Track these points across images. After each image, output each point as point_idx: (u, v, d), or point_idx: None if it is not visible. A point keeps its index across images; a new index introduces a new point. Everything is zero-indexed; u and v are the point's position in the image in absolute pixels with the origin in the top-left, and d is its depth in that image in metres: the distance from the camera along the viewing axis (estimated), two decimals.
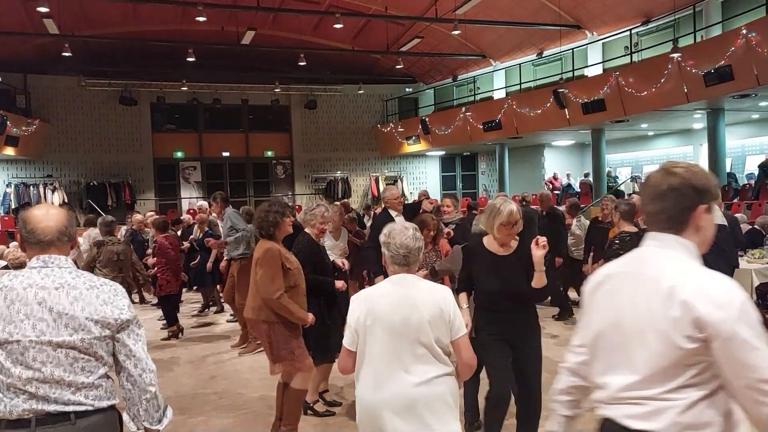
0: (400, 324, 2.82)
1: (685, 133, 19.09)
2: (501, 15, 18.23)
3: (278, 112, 23.89)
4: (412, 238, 2.99)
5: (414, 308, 2.82)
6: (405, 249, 2.97)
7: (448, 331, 2.85)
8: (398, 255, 2.97)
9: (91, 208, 20.36)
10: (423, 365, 2.80)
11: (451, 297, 2.92)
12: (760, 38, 11.63)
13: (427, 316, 2.81)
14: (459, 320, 2.88)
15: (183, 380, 6.75)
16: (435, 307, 2.83)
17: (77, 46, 17.96)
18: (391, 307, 2.85)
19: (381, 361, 2.84)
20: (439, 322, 2.82)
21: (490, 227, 4.02)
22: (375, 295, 2.97)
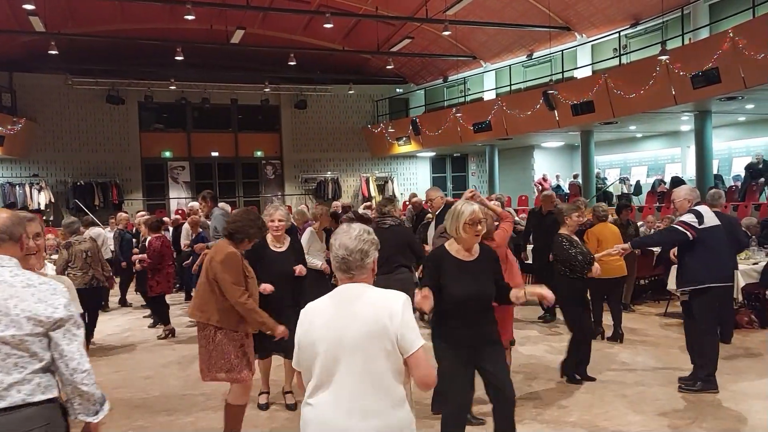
0: (332, 344, 2.42)
1: (673, 135, 19.21)
2: (491, 16, 18.28)
3: (268, 112, 23.83)
4: (354, 239, 2.54)
5: (349, 325, 2.42)
6: (344, 250, 2.52)
7: (395, 349, 2.39)
8: (336, 258, 2.54)
9: (78, 207, 20.20)
10: (361, 393, 2.39)
11: (402, 307, 2.44)
12: (747, 41, 11.73)
13: (365, 333, 2.39)
14: (412, 334, 2.41)
15: (170, 381, 6.71)
16: (376, 322, 2.39)
17: (64, 44, 17.81)
18: (325, 325, 2.46)
19: (316, 386, 2.47)
20: (382, 339, 2.38)
21: (455, 230, 3.95)
22: (315, 308, 2.56)
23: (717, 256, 5.56)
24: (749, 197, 14.94)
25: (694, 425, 4.98)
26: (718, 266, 5.56)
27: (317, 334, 2.47)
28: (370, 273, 2.59)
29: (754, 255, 8.59)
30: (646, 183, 19.35)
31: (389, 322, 2.39)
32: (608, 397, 5.69)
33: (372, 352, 2.39)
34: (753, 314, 8.28)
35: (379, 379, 2.41)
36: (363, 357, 2.39)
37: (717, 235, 5.58)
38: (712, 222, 5.59)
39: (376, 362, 2.40)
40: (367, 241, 2.56)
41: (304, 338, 2.51)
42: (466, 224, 3.90)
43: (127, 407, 5.90)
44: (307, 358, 2.50)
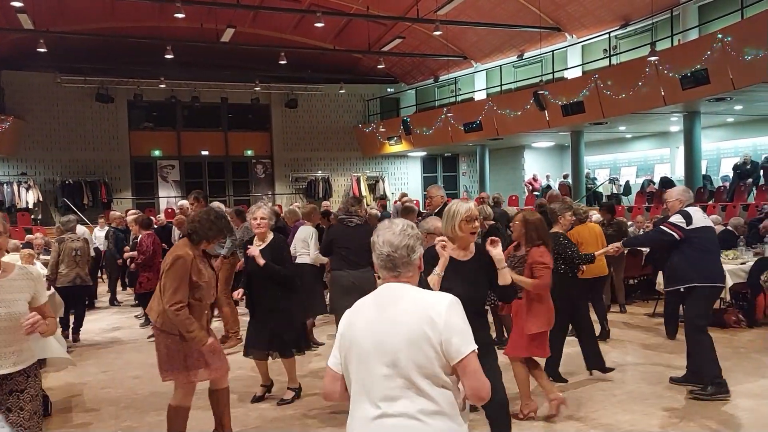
0: (371, 348, 2.26)
1: (662, 135, 19.32)
2: (482, 16, 18.32)
3: (258, 111, 23.77)
4: (399, 234, 2.39)
5: (391, 329, 2.25)
6: (389, 247, 2.37)
7: (439, 356, 2.20)
8: (381, 255, 2.38)
9: (66, 206, 20.08)
10: (399, 402, 2.21)
11: (447, 309, 2.25)
12: (736, 43, 11.80)
13: (405, 339, 2.21)
14: (459, 339, 2.21)
15: (159, 381, 6.57)
16: (419, 326, 2.21)
17: (53, 41, 17.69)
18: (365, 327, 2.31)
19: (354, 393, 2.31)
20: (424, 345, 2.20)
21: (451, 228, 3.86)
22: (357, 309, 2.41)
23: (706, 256, 5.56)
24: (737, 198, 15.04)
25: (681, 424, 5.01)
26: (708, 266, 5.56)
27: (359, 336, 2.31)
28: (416, 270, 2.44)
29: (742, 255, 8.65)
30: (635, 183, 19.45)
31: (431, 327, 2.21)
32: (598, 396, 5.71)
33: (414, 358, 2.21)
34: (740, 314, 8.34)
35: (421, 387, 2.21)
36: (404, 364, 2.21)
37: (706, 236, 5.58)
38: (702, 223, 5.59)
39: (418, 369, 2.21)
40: (412, 236, 2.42)
41: (343, 341, 2.37)
42: (463, 221, 3.82)
43: (116, 407, 5.87)
44: (347, 363, 2.35)
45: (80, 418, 5.63)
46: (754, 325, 8.23)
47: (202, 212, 4.65)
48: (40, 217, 20.09)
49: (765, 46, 11.18)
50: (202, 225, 4.43)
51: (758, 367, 6.48)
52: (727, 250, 8.56)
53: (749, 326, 8.21)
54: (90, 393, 6.32)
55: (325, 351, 7.40)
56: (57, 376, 6.82)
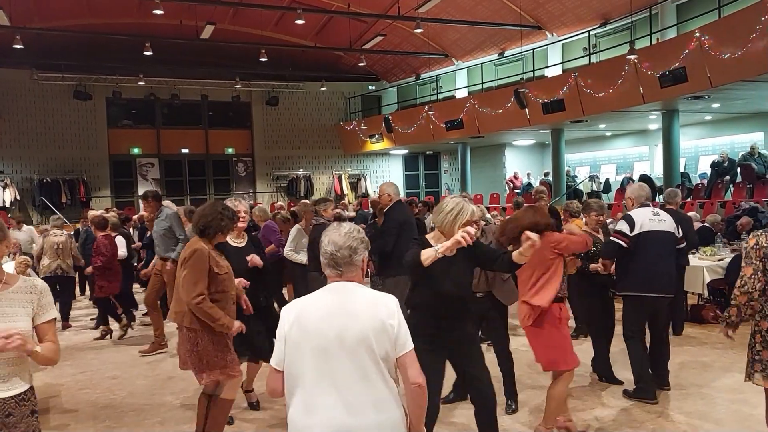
0: (333, 339, 2.41)
1: (641, 133, 19.49)
2: (463, 14, 18.36)
3: (239, 109, 23.64)
4: (343, 235, 2.54)
5: (351, 321, 2.43)
6: (332, 246, 2.52)
7: (393, 348, 2.45)
8: (325, 254, 2.53)
9: (44, 205, 19.83)
10: (361, 389, 2.41)
11: (398, 308, 2.50)
12: (714, 41, 11.93)
13: (367, 331, 2.41)
14: (404, 334, 2.47)
15: (138, 381, 6.61)
16: (376, 319, 2.43)
17: (29, 38, 17.43)
18: (323, 320, 2.44)
19: (312, 382, 2.43)
20: (382, 336, 2.42)
21: (449, 226, 3.71)
22: (306, 304, 2.53)
23: (644, 264, 5.29)
24: (715, 195, 15.21)
25: (660, 419, 5.05)
26: (645, 275, 5.30)
27: (315, 329, 2.44)
28: (360, 272, 2.59)
29: (719, 251, 8.75)
30: (615, 181, 19.60)
31: (388, 322, 2.44)
32: (577, 392, 5.74)
33: (372, 349, 2.42)
34: (718, 309, 8.43)
35: (379, 375, 2.44)
36: (364, 354, 2.42)
37: (648, 242, 5.29)
38: (646, 227, 5.31)
39: (375, 360, 2.43)
40: (356, 239, 2.56)
41: (293, 334, 2.47)
42: (464, 224, 3.69)
43: (94, 408, 5.80)
44: (295, 355, 2.47)
45: (58, 419, 5.56)
46: None
47: (207, 206, 4.60)
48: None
49: (742, 44, 11.32)
50: (214, 218, 4.43)
51: (735, 362, 6.55)
52: (705, 247, 8.66)
53: None
54: (68, 394, 6.24)
55: None
56: (34, 377, 6.68)
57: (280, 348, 2.51)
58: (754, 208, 11.55)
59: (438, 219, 3.81)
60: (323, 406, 2.41)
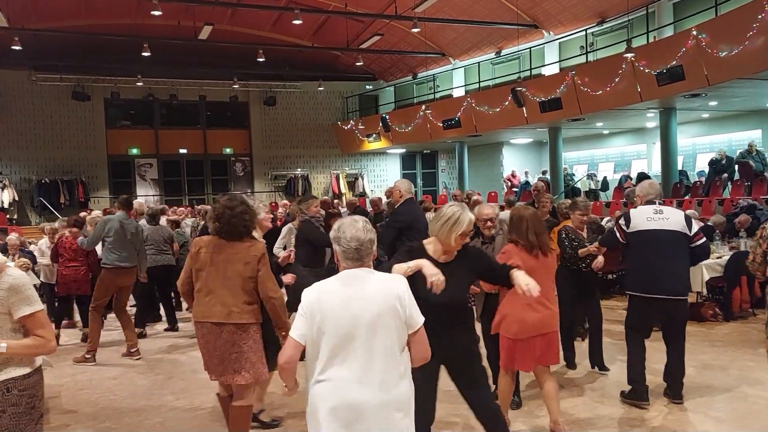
0: (348, 324, 2.66)
1: (639, 131, 19.51)
2: (460, 14, 18.38)
3: (237, 109, 23.64)
4: (363, 230, 2.80)
5: (364, 306, 2.68)
6: (356, 242, 2.76)
7: (403, 325, 2.72)
8: (350, 249, 2.77)
9: (42, 206, 19.83)
10: (374, 367, 2.66)
11: (407, 288, 2.77)
12: (711, 39, 11.95)
13: (380, 312, 2.67)
14: (416, 312, 2.75)
15: (138, 381, 6.62)
16: (387, 302, 2.69)
17: (27, 39, 17.42)
18: (339, 307, 2.69)
19: (329, 359, 2.68)
20: (394, 317, 2.69)
21: (445, 236, 3.62)
22: (324, 290, 2.77)
23: (641, 263, 5.22)
24: (713, 193, 15.24)
25: (660, 417, 5.07)
26: (640, 274, 5.25)
27: (333, 312, 2.69)
28: (369, 263, 2.86)
29: (718, 249, 8.77)
30: (613, 179, 19.62)
31: (398, 302, 2.71)
32: (576, 391, 5.76)
33: (385, 329, 2.68)
34: (717, 307, 8.46)
35: (391, 353, 2.70)
36: (378, 334, 2.67)
37: (646, 241, 5.19)
38: (641, 227, 5.21)
39: (388, 338, 2.69)
40: (371, 230, 2.85)
41: (314, 317, 2.70)
42: (460, 236, 3.61)
43: (94, 408, 5.81)
44: (316, 333, 2.70)
45: (57, 419, 5.57)
46: (731, 318, 8.35)
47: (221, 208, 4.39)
48: (15, 217, 19.81)
49: (739, 42, 11.34)
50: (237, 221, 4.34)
51: (734, 359, 6.58)
52: None
53: (726, 320, 8.33)
54: (67, 394, 6.25)
55: None
56: None
57: (305, 324, 2.73)
58: (752, 206, 11.57)
59: (435, 227, 3.70)
60: (339, 380, 2.66)
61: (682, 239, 5.16)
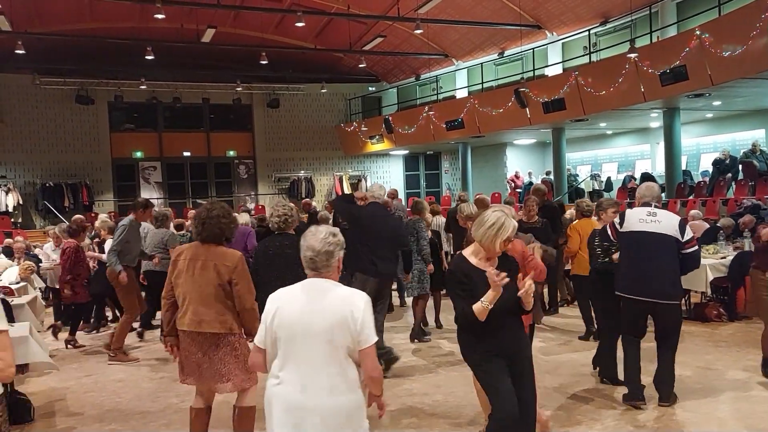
0: (301, 332, 2.77)
1: (643, 131, 19.49)
2: (463, 15, 18.37)
3: (240, 111, 23.66)
4: (320, 241, 2.85)
5: (317, 317, 2.77)
6: (311, 251, 2.85)
7: (353, 341, 2.76)
8: (305, 258, 2.87)
9: (47, 209, 19.89)
10: (319, 375, 2.75)
11: (365, 306, 2.79)
12: (714, 39, 11.94)
13: (331, 322, 2.74)
14: (368, 330, 2.77)
15: (143, 384, 6.64)
16: (339, 314, 2.75)
17: (31, 43, 17.46)
18: (295, 315, 2.80)
19: (282, 363, 2.82)
20: (344, 331, 2.74)
21: (490, 241, 3.60)
22: (284, 298, 2.89)
23: (629, 265, 5.27)
24: (717, 193, 15.22)
25: (664, 417, 5.07)
26: (626, 275, 5.28)
27: (288, 319, 2.81)
28: (336, 271, 2.92)
29: (722, 249, 8.76)
30: (617, 179, 19.60)
31: (351, 318, 2.74)
32: (582, 393, 5.76)
33: (335, 340, 2.74)
34: (721, 307, 8.45)
35: (338, 364, 2.76)
36: (326, 345, 2.74)
37: (635, 242, 5.22)
38: (634, 227, 5.23)
39: (336, 351, 2.75)
40: (332, 243, 2.87)
41: (272, 321, 2.84)
42: (505, 241, 3.61)
43: (99, 411, 5.83)
44: (272, 339, 2.86)
45: (64, 422, 5.59)
46: (735, 318, 8.34)
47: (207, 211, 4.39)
48: (20, 221, 19.87)
49: (742, 42, 11.32)
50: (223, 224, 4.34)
51: (738, 360, 6.57)
52: (707, 245, 8.66)
53: (730, 320, 8.32)
54: (73, 397, 6.27)
55: None
56: (39, 381, 6.76)
57: (263, 328, 2.89)
58: (757, 206, 11.55)
59: (479, 233, 3.65)
60: (287, 384, 2.80)
61: (672, 243, 5.10)
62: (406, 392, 5.90)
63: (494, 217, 3.61)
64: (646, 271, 5.13)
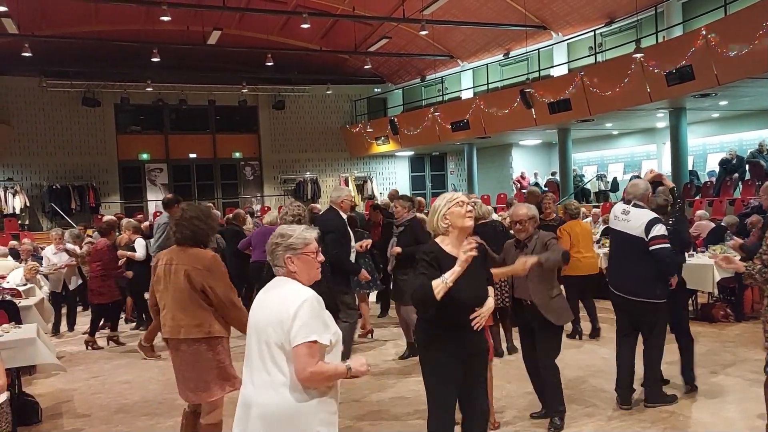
0: (252, 326, 2.83)
1: (649, 132, 19.44)
2: (468, 15, 18.37)
3: (246, 113, 23.71)
4: (271, 238, 2.91)
5: (261, 313, 2.79)
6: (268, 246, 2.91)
7: (287, 340, 2.66)
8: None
9: (54, 211, 19.96)
10: (262, 371, 2.74)
11: (300, 305, 2.66)
12: (720, 39, 11.90)
13: (268, 319, 2.73)
14: (299, 328, 2.63)
15: (150, 386, 6.65)
16: (276, 311, 2.72)
17: (37, 46, 17.57)
18: (253, 309, 2.86)
19: (246, 360, 2.86)
20: (278, 327, 2.68)
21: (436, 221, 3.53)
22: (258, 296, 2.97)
23: (610, 260, 5.52)
24: (724, 193, 15.17)
25: (671, 418, 5.05)
26: (608, 269, 5.57)
27: (250, 316, 2.88)
28: (286, 271, 2.83)
29: (729, 249, 8.71)
30: (623, 179, 19.55)
31: (286, 316, 2.67)
32: (587, 393, 5.74)
33: (272, 337, 2.71)
34: (728, 308, 8.42)
35: (273, 362, 2.71)
36: (264, 342, 2.73)
37: (612, 239, 5.47)
38: (611, 224, 5.43)
39: (271, 348, 2.71)
40: (274, 243, 2.85)
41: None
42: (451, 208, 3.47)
43: (107, 412, 5.85)
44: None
45: (71, 424, 5.61)
46: (742, 319, 8.32)
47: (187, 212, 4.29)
48: (27, 223, 19.96)
49: (748, 41, 11.28)
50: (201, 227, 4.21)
51: (745, 360, 6.55)
52: (714, 245, 8.63)
53: (737, 320, 8.30)
54: (80, 399, 6.29)
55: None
56: (47, 382, 6.80)
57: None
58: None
59: (432, 225, 3.58)
60: (245, 378, 2.84)
61: (638, 244, 5.04)
62: (413, 393, 5.90)
63: (435, 203, 3.57)
64: (619, 268, 5.28)
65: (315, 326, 2.67)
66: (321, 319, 2.71)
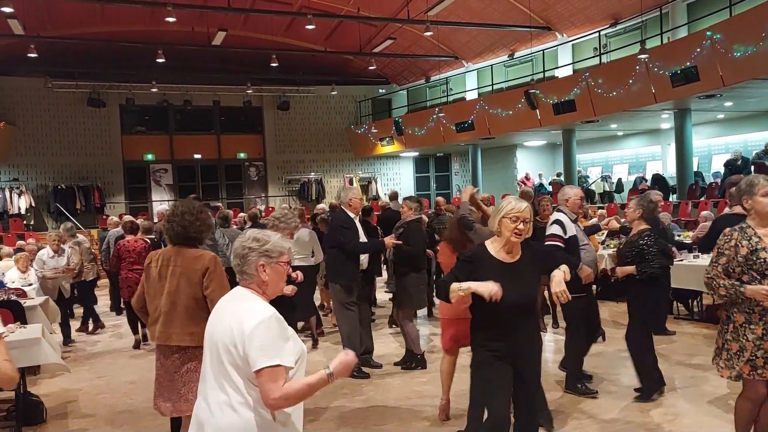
0: (208, 338, 2.59)
1: (654, 133, 19.40)
2: (472, 16, 18.37)
3: (250, 114, 23.74)
4: (239, 244, 2.61)
5: (216, 327, 2.54)
6: (233, 254, 2.63)
7: (243, 362, 2.42)
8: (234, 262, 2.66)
9: (59, 211, 20.03)
10: (214, 389, 2.50)
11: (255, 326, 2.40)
12: (725, 40, 11.88)
13: (221, 337, 2.48)
14: (254, 353, 2.38)
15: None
16: (227, 331, 2.46)
17: (43, 46, 17.63)
18: (210, 320, 2.63)
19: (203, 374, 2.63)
20: (230, 349, 2.44)
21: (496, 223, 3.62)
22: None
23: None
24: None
25: (676, 421, 5.04)
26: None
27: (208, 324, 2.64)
28: (255, 280, 2.58)
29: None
30: (627, 181, 19.52)
31: (236, 336, 2.43)
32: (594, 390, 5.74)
33: (222, 354, 2.47)
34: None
35: (233, 379, 2.45)
36: (215, 358, 2.51)
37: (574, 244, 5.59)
38: (571, 232, 5.52)
39: (224, 364, 2.47)
40: (247, 247, 2.58)
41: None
42: (505, 218, 3.56)
43: (111, 412, 5.87)
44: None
45: (76, 424, 5.63)
46: None
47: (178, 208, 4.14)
48: (32, 223, 20.02)
49: (753, 42, 11.26)
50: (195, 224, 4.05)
51: None
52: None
53: None
54: (85, 399, 6.31)
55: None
56: (52, 382, 6.82)
57: None
58: None
59: (491, 222, 3.71)
60: (199, 394, 2.62)
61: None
62: (416, 394, 5.90)
63: (504, 201, 3.67)
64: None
65: (276, 348, 2.40)
66: (282, 338, 2.44)
